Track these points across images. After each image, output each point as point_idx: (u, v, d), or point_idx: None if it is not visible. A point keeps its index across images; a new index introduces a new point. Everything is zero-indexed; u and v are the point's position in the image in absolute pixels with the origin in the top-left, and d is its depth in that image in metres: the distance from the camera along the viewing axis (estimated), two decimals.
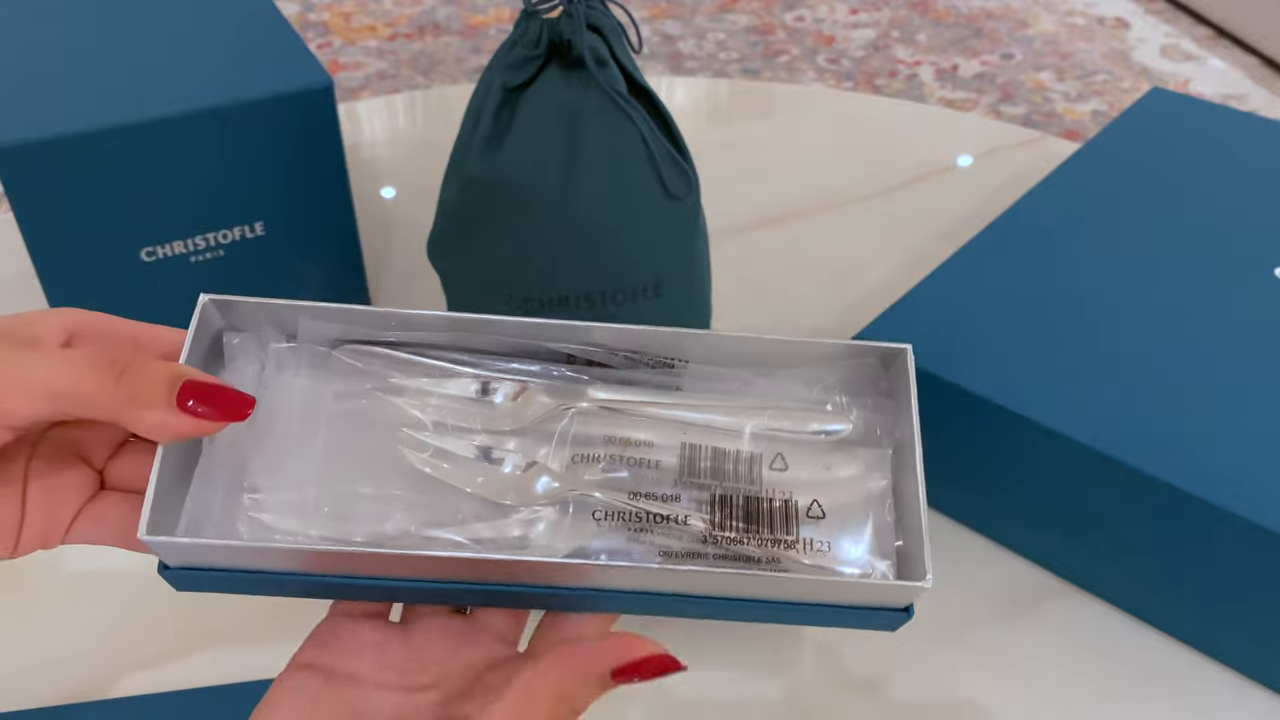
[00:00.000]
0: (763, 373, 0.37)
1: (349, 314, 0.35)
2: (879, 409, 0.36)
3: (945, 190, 0.82)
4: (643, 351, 0.36)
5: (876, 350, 0.36)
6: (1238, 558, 0.46)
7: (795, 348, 0.36)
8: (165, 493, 0.31)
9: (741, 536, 0.33)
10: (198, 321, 0.34)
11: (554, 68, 0.49)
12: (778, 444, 0.35)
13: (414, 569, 0.31)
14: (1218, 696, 0.49)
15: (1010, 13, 2.43)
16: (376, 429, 0.34)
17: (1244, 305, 0.56)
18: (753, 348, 0.36)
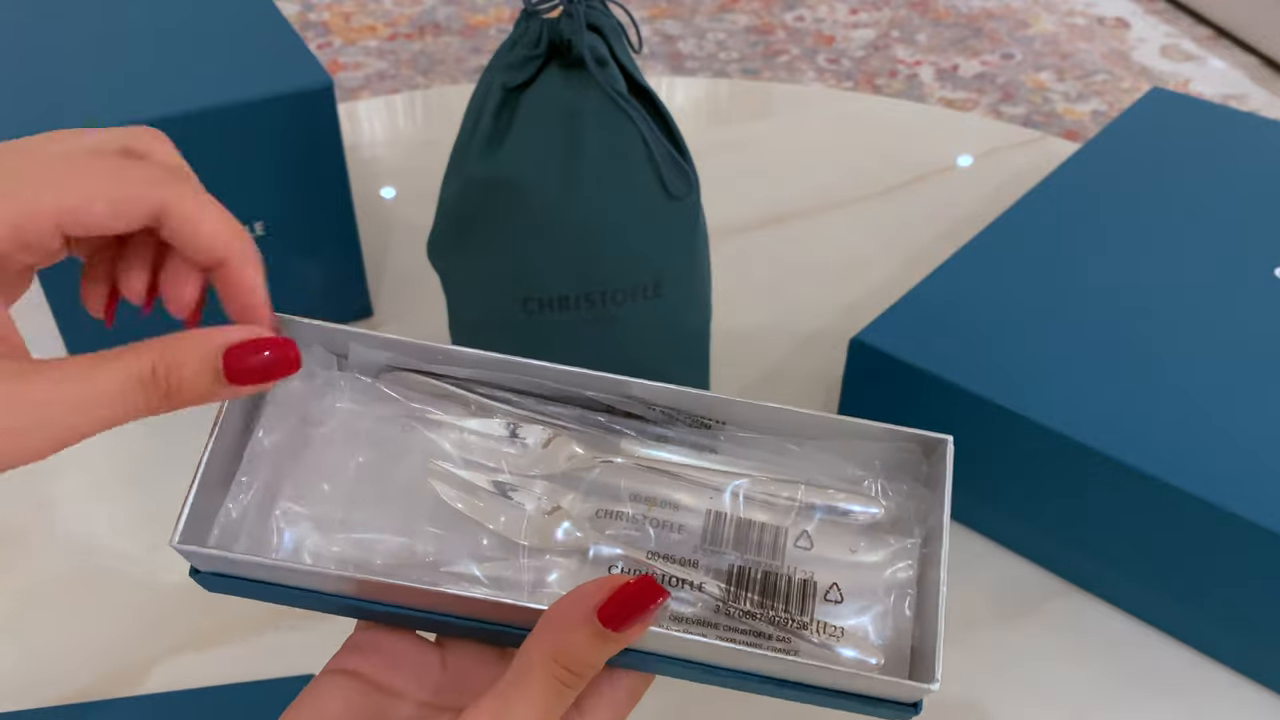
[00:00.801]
0: (800, 443, 0.36)
1: (398, 344, 0.36)
2: (914, 495, 0.35)
3: (945, 190, 0.82)
4: (680, 410, 0.36)
5: (918, 438, 0.35)
6: (1238, 558, 0.46)
7: (836, 425, 0.36)
8: (203, 499, 0.32)
9: (755, 610, 0.33)
10: None
11: (554, 68, 0.49)
12: (806, 521, 0.35)
13: (429, 602, 0.31)
14: (1218, 696, 0.49)
15: (1010, 13, 2.43)
16: (409, 457, 0.35)
17: (1244, 305, 0.56)
18: (793, 420, 0.36)
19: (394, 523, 0.34)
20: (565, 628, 0.29)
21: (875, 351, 0.54)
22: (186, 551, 0.31)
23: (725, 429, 0.36)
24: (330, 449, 0.35)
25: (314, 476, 0.34)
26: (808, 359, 0.67)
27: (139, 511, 0.57)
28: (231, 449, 0.34)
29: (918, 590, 0.34)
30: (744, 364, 0.66)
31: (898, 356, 0.53)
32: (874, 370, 0.54)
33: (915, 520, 0.35)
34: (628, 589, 0.29)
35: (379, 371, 0.37)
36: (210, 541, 0.33)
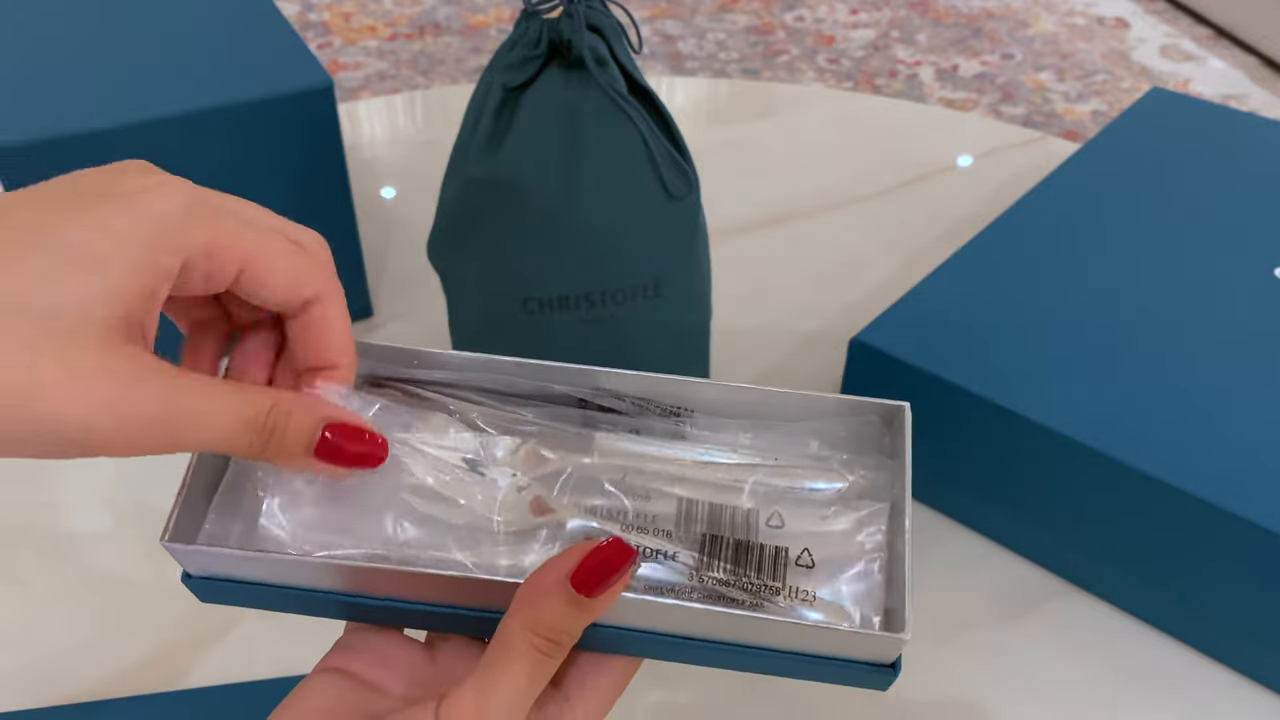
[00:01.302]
0: (768, 425, 0.37)
1: (376, 350, 0.37)
2: (880, 467, 0.36)
3: (945, 190, 0.82)
4: (650, 399, 0.37)
5: (876, 407, 0.36)
6: (1237, 558, 0.46)
7: (796, 400, 0.37)
8: (190, 507, 0.33)
9: (728, 577, 0.33)
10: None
11: (554, 68, 0.49)
12: (776, 503, 0.35)
13: (412, 587, 0.32)
14: (1218, 696, 0.49)
15: (1010, 13, 2.43)
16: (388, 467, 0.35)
17: (1244, 305, 0.56)
18: (755, 398, 0.37)
19: (373, 529, 0.34)
20: (540, 598, 0.29)
21: (875, 351, 0.54)
22: (175, 550, 0.31)
23: (694, 416, 0.37)
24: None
25: (295, 485, 0.34)
26: (808, 359, 0.67)
27: (138, 512, 0.57)
28: (217, 460, 0.35)
29: (887, 551, 0.34)
30: (744, 364, 0.66)
31: (898, 356, 0.53)
32: (874, 370, 0.54)
33: (883, 489, 0.36)
34: (599, 551, 0.29)
35: (361, 383, 0.37)
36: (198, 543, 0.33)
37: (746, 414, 0.37)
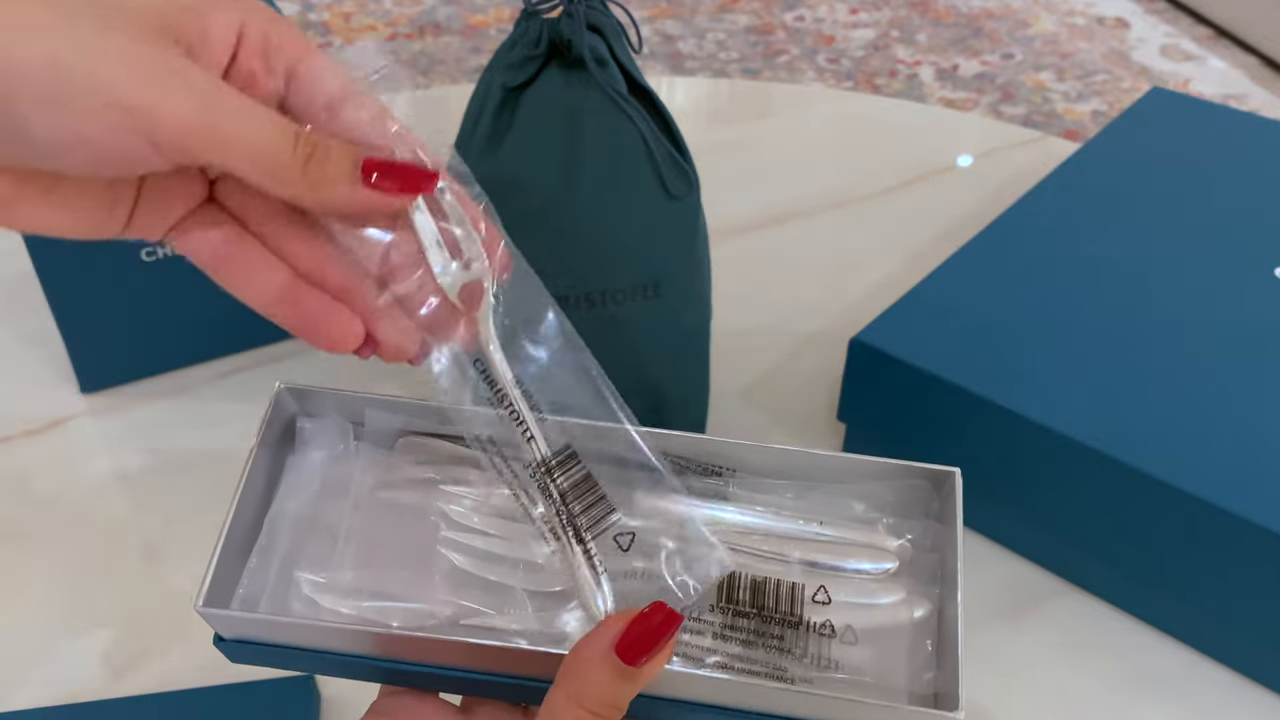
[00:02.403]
0: (812, 485, 0.36)
1: (411, 407, 0.36)
2: (927, 532, 0.35)
3: (945, 190, 0.82)
4: (691, 459, 0.36)
5: (925, 472, 0.35)
6: (1238, 558, 0.46)
7: (844, 464, 0.36)
8: (225, 566, 0.33)
9: (774, 652, 0.33)
10: (273, 406, 0.35)
11: (554, 68, 0.49)
12: (822, 576, 0.35)
13: (448, 655, 0.32)
14: (1218, 696, 0.49)
15: (1010, 13, 2.43)
16: (423, 525, 0.35)
17: (1244, 305, 0.56)
18: (801, 461, 0.36)
19: (410, 588, 0.34)
20: (585, 669, 0.28)
21: (875, 351, 0.54)
22: (210, 615, 0.31)
23: (735, 475, 0.36)
24: (347, 516, 0.35)
25: (332, 543, 0.34)
26: (808, 359, 0.67)
27: (139, 515, 0.57)
28: (253, 516, 0.35)
29: (938, 625, 0.34)
30: (744, 364, 0.66)
31: (897, 356, 0.53)
32: (874, 370, 0.54)
33: (930, 555, 0.35)
34: (642, 618, 0.28)
35: (396, 437, 0.37)
36: (233, 605, 0.33)
37: (790, 475, 0.36)
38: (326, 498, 0.36)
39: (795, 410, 0.63)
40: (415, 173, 0.30)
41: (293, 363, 0.66)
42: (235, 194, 0.31)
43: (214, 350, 0.65)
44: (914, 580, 0.35)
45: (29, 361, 0.65)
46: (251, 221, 0.31)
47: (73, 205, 0.29)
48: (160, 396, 0.63)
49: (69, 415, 0.62)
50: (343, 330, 0.31)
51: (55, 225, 0.29)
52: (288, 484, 0.36)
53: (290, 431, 0.37)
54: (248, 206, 0.31)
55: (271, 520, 0.35)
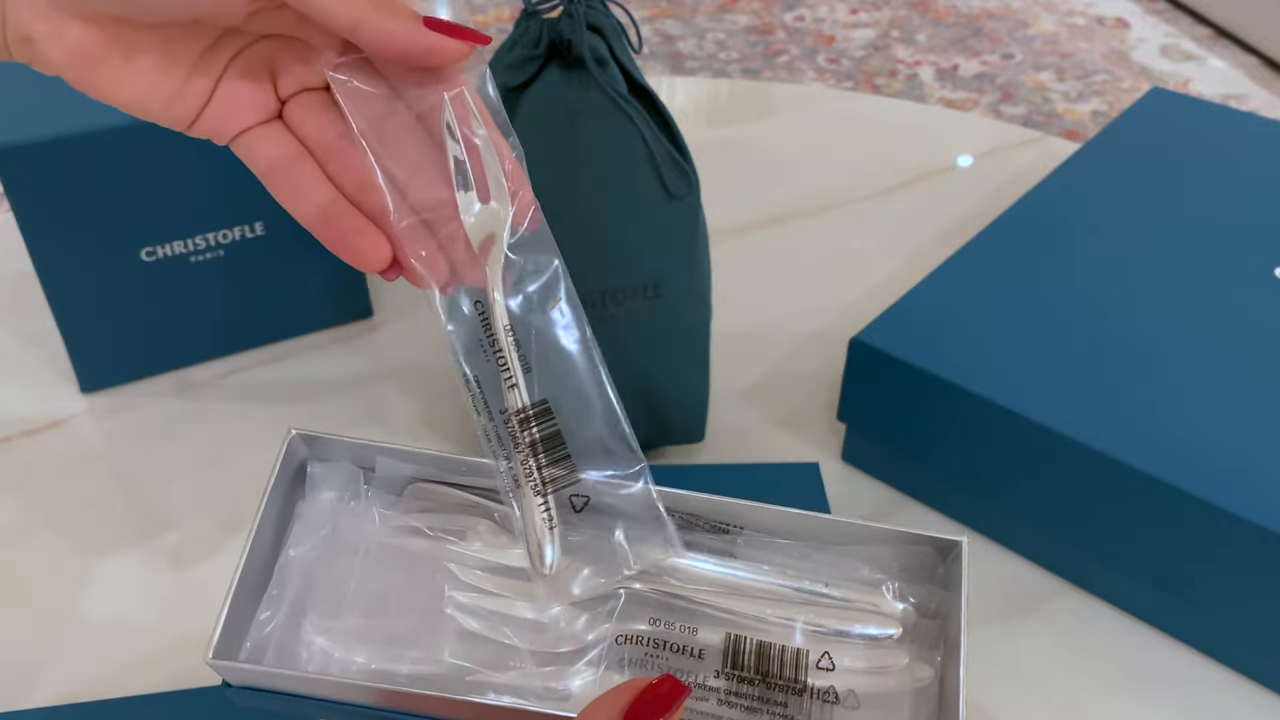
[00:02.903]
0: (819, 546, 0.37)
1: (423, 457, 0.37)
2: (932, 597, 0.36)
3: (945, 190, 0.82)
4: (699, 516, 0.37)
5: (932, 540, 0.36)
6: (1238, 558, 0.46)
7: (851, 527, 0.36)
8: (235, 613, 0.33)
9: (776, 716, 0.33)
10: (284, 451, 0.36)
11: (554, 68, 0.49)
12: (826, 641, 0.35)
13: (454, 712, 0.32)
14: (1218, 696, 0.49)
15: (1010, 13, 2.43)
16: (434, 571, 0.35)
17: (1244, 305, 0.56)
18: (808, 524, 0.36)
19: (418, 637, 0.34)
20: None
21: (875, 351, 0.54)
22: (220, 667, 0.32)
23: (743, 534, 0.37)
24: (357, 565, 0.36)
25: (341, 592, 0.35)
26: (808, 359, 0.67)
27: (139, 515, 0.57)
28: (263, 564, 0.35)
29: (939, 691, 0.34)
30: (744, 364, 0.66)
31: (897, 356, 0.53)
32: (874, 370, 0.54)
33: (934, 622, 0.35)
34: (651, 688, 0.29)
35: (405, 484, 0.37)
36: (242, 655, 0.33)
37: (797, 536, 0.37)
38: (336, 545, 0.36)
39: (795, 410, 0.63)
40: (471, 31, 0.32)
41: (292, 362, 0.66)
42: (302, 114, 0.34)
43: (214, 350, 0.65)
44: (918, 645, 0.35)
45: (29, 361, 0.65)
46: (311, 142, 0.33)
47: (151, 77, 0.31)
48: (160, 396, 0.63)
49: (69, 415, 0.62)
50: (372, 249, 0.33)
51: (132, 95, 0.31)
52: (298, 530, 0.36)
53: (300, 476, 0.37)
54: (309, 127, 0.33)
55: (281, 568, 0.35)
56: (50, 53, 0.31)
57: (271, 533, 0.36)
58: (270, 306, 0.65)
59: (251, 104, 0.33)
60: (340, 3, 0.30)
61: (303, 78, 0.34)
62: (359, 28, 0.30)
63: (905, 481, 0.58)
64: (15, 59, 0.32)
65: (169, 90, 0.32)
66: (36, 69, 0.32)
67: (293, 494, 0.37)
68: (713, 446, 0.60)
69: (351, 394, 0.64)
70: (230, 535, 0.55)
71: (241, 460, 0.59)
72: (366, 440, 0.37)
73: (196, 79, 0.32)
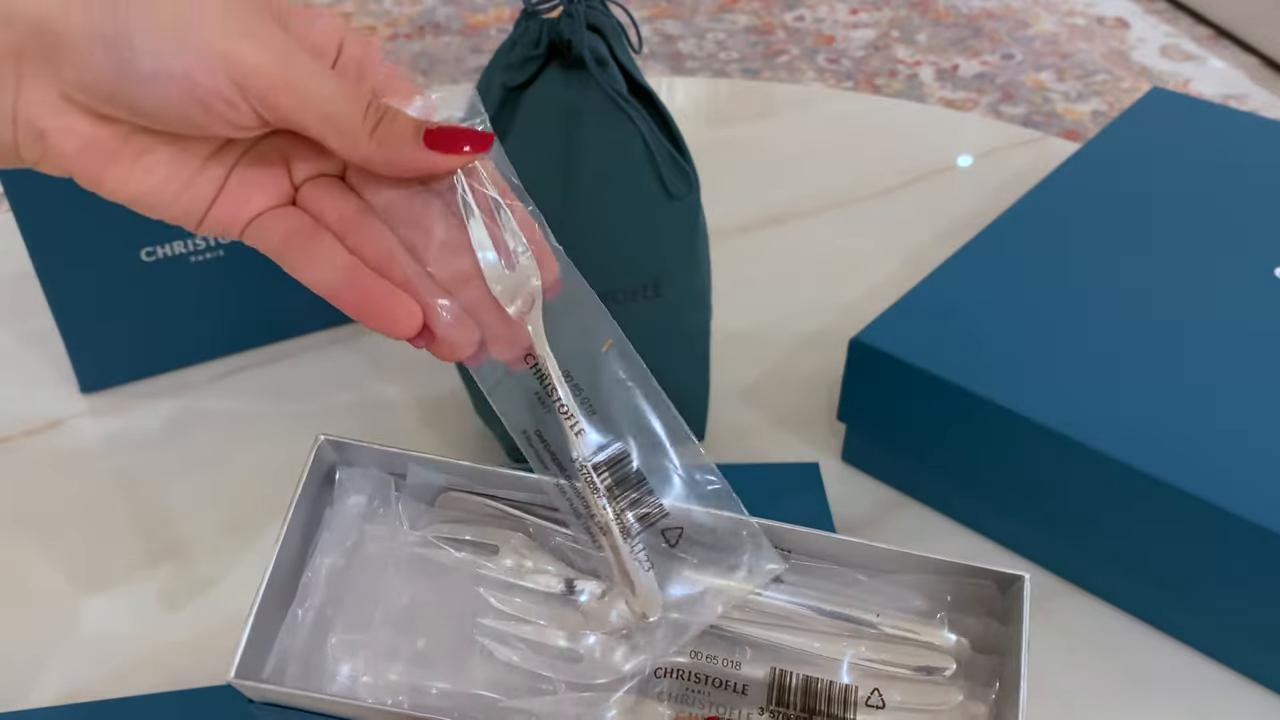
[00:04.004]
0: (870, 573, 0.36)
1: (457, 468, 0.36)
2: (987, 630, 0.35)
3: (945, 190, 0.82)
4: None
5: (993, 574, 0.35)
6: (1238, 558, 0.46)
7: (909, 560, 0.35)
8: (260, 628, 0.32)
9: None
10: (313, 458, 0.35)
11: (554, 68, 0.49)
12: (876, 676, 0.34)
13: None
14: (1218, 696, 0.49)
15: (1010, 13, 2.43)
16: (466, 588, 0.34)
17: (1244, 305, 0.56)
18: (864, 553, 0.35)
19: (447, 658, 0.33)
20: None
21: (875, 351, 0.54)
22: (242, 686, 0.31)
23: (792, 556, 0.35)
24: (385, 577, 0.35)
25: (368, 605, 0.34)
26: (808, 359, 0.67)
27: (138, 514, 0.57)
28: (289, 575, 0.34)
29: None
30: (744, 364, 0.66)
31: (897, 356, 0.53)
32: (874, 370, 0.54)
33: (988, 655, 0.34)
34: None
35: (437, 494, 0.36)
36: (265, 671, 0.33)
37: (849, 563, 0.36)
38: (364, 555, 0.35)
39: (795, 410, 0.63)
40: (472, 134, 0.33)
41: (292, 363, 0.66)
42: (317, 194, 0.33)
43: (214, 350, 0.65)
44: (971, 682, 0.34)
45: (29, 361, 0.65)
46: (327, 218, 0.33)
47: (163, 172, 0.31)
48: (160, 396, 0.63)
49: (69, 415, 0.62)
50: (405, 313, 0.32)
51: (141, 193, 0.32)
52: (325, 540, 0.35)
53: (327, 483, 0.36)
54: (325, 204, 0.33)
55: (308, 579, 0.34)
56: (63, 145, 0.30)
57: (298, 542, 0.35)
58: (270, 306, 0.65)
59: (264, 189, 0.33)
60: (343, 139, 0.30)
61: (318, 165, 0.34)
62: (364, 161, 0.31)
63: (905, 481, 0.58)
64: (24, 161, 0.31)
65: (180, 182, 0.32)
66: (45, 170, 0.32)
67: (320, 501, 0.36)
68: (713, 446, 0.60)
69: (351, 394, 0.64)
70: (231, 535, 0.55)
71: (241, 460, 0.59)
72: (399, 449, 0.36)
73: (210, 168, 0.32)
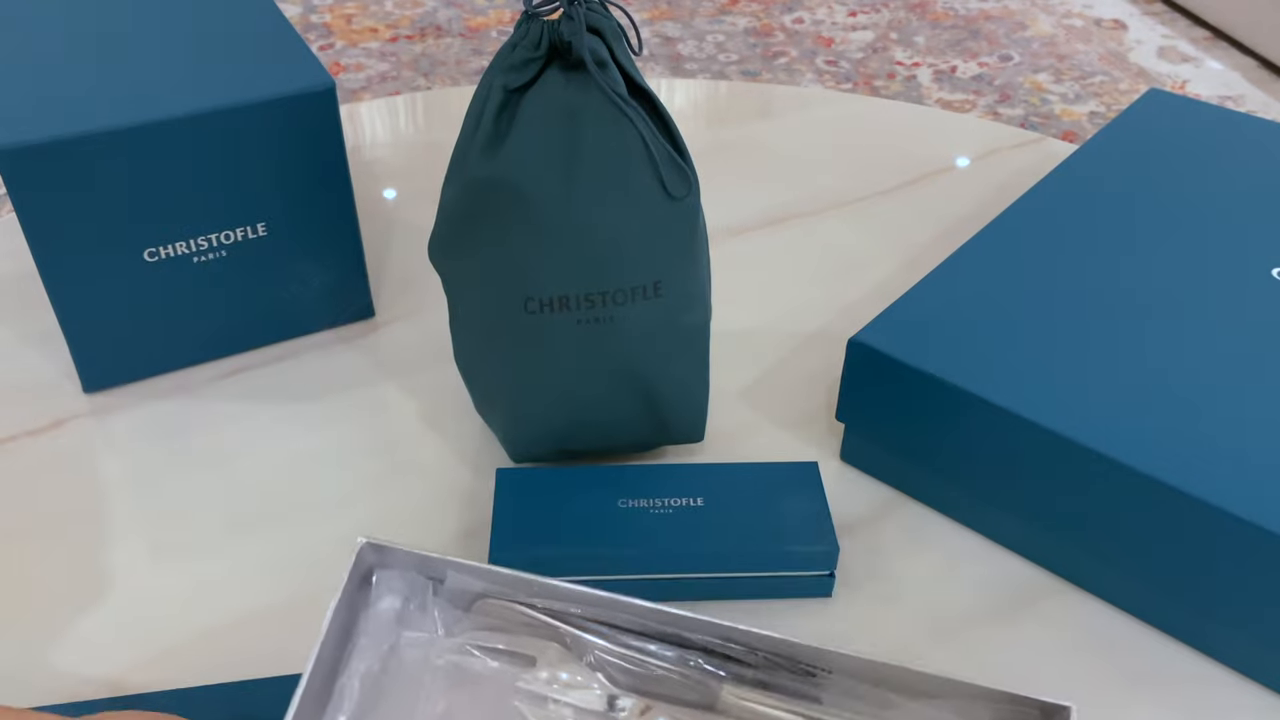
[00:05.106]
0: (911, 694, 0.35)
1: (497, 575, 0.35)
2: None
3: (944, 191, 0.83)
4: (786, 656, 0.35)
5: (1037, 704, 0.34)
6: (1236, 558, 0.47)
7: (951, 686, 0.34)
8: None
9: None
10: (355, 561, 0.35)
11: (554, 69, 0.49)
12: None
13: None
14: (1218, 696, 0.50)
15: (1008, 14, 2.43)
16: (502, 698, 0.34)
17: (1242, 305, 0.56)
18: (903, 677, 0.34)
19: None
20: None
21: (873, 351, 0.54)
22: None
23: (830, 678, 0.35)
24: (421, 686, 0.34)
25: (404, 712, 0.33)
26: (808, 359, 0.67)
27: (141, 514, 0.57)
28: (325, 679, 0.34)
29: None
30: (744, 364, 0.66)
31: (896, 357, 0.53)
32: (872, 370, 0.55)
33: None
34: None
35: (474, 599, 0.36)
36: None
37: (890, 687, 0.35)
38: (400, 660, 0.35)
39: (795, 410, 0.63)
40: None
41: (294, 363, 0.66)
42: None
43: (216, 350, 0.65)
44: None
45: (32, 361, 0.65)
46: None
47: None
48: (162, 396, 0.63)
49: (71, 415, 0.62)
50: None
51: None
52: (361, 645, 0.35)
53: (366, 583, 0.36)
54: None
55: (342, 686, 0.34)
56: None
57: (334, 647, 0.34)
58: (273, 307, 0.65)
59: None
60: None
61: None
62: None
63: (903, 481, 0.58)
64: None
65: None
66: None
67: (357, 602, 0.36)
68: (712, 446, 0.60)
69: (354, 394, 0.64)
70: (232, 535, 0.56)
71: (244, 460, 0.60)
72: (437, 555, 0.36)
73: None
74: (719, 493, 0.53)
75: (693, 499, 0.52)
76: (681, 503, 0.52)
